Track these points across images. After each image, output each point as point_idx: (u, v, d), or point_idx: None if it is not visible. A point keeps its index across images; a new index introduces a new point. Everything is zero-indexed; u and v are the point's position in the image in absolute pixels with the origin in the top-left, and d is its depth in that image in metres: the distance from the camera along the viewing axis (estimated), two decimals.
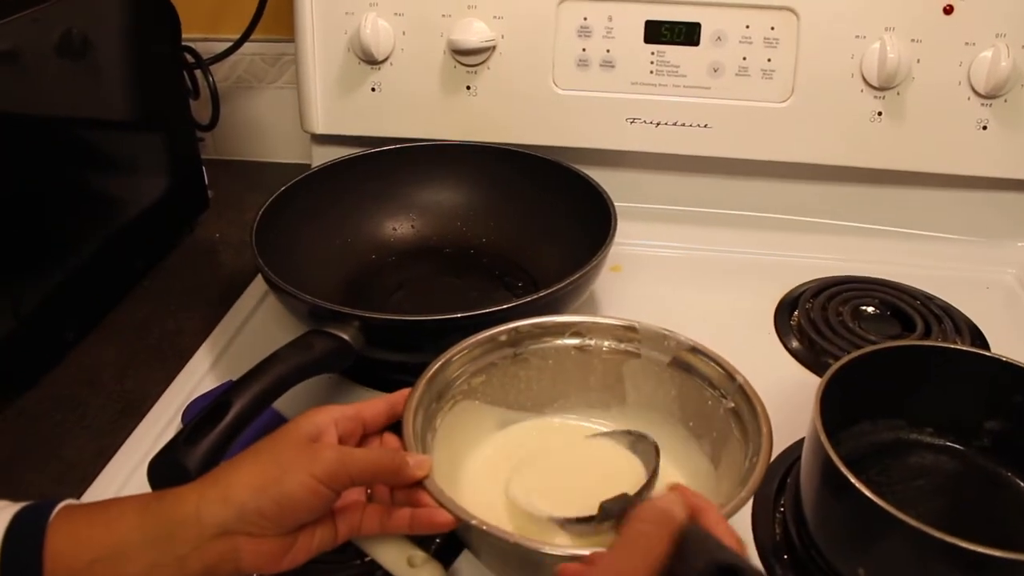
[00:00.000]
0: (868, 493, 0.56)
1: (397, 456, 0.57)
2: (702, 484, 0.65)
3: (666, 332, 0.69)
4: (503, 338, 0.70)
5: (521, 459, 0.66)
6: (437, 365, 0.66)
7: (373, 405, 0.61)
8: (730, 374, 0.65)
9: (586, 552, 0.50)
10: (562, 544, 0.58)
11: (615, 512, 0.55)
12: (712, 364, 0.66)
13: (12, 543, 0.49)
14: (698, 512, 0.49)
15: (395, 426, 0.62)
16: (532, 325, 0.71)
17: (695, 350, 0.68)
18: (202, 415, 0.61)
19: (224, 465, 0.54)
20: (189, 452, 0.59)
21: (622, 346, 0.70)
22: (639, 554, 0.45)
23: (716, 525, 0.48)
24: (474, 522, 0.53)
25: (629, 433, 0.66)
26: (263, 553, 0.52)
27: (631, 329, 0.70)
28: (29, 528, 0.50)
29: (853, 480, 0.57)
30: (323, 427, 0.57)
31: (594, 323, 0.71)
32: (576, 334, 0.71)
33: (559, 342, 0.71)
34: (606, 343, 0.71)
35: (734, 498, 0.56)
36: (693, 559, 0.45)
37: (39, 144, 0.84)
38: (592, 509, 0.57)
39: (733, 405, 0.64)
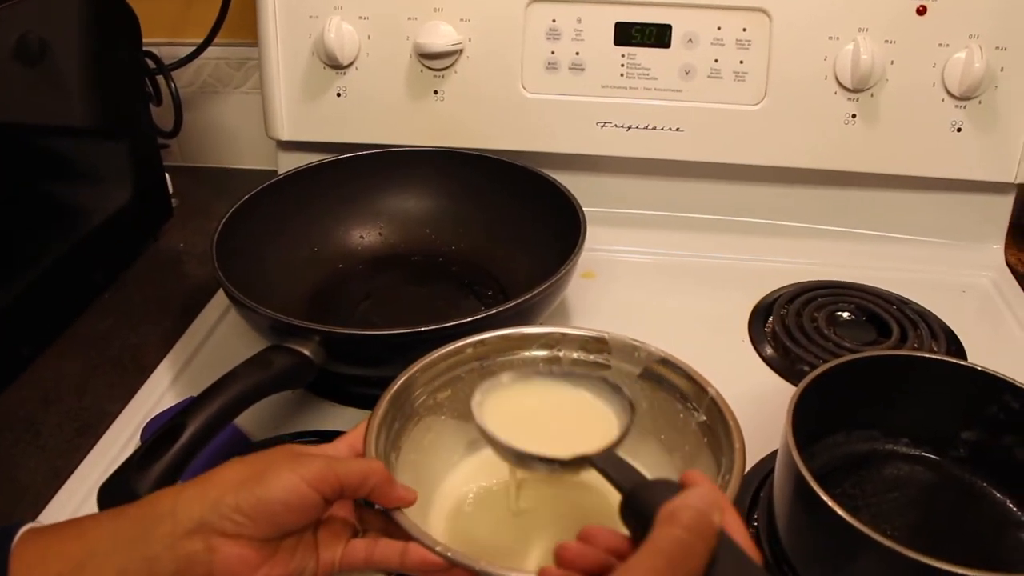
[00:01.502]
0: (841, 512, 0.55)
1: (387, 472, 0.54)
2: None
3: (636, 343, 0.67)
4: (469, 351, 0.68)
5: (492, 386, 0.61)
6: (401, 381, 0.64)
7: (350, 467, 0.55)
8: (702, 387, 0.63)
9: None
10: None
11: (598, 466, 0.51)
12: (683, 376, 0.65)
13: None
14: (722, 513, 0.44)
15: None
16: (499, 337, 0.68)
17: (666, 362, 0.66)
18: (155, 438, 0.59)
19: (210, 470, 0.51)
20: (141, 477, 0.57)
21: (591, 357, 0.68)
22: (678, 569, 0.40)
23: (738, 531, 0.44)
24: (438, 548, 0.51)
25: (605, 381, 0.61)
26: (238, 557, 0.48)
27: (600, 340, 0.68)
28: None
29: (825, 498, 0.56)
30: (311, 450, 0.55)
31: (563, 334, 0.69)
32: (545, 346, 0.69)
33: (527, 354, 0.69)
34: (575, 355, 0.69)
35: None
36: None
37: None
38: (554, 452, 0.53)
39: (705, 419, 0.63)
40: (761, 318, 0.91)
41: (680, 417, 0.65)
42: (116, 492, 0.57)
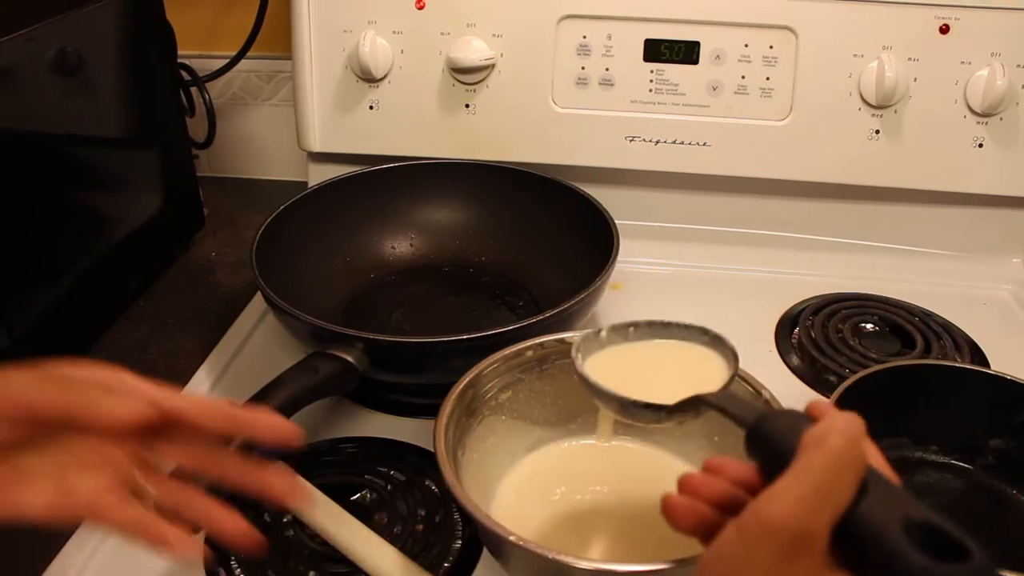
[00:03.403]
0: None
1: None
2: None
3: None
4: (529, 354, 0.69)
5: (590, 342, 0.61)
6: (465, 381, 0.65)
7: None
8: (756, 390, 0.65)
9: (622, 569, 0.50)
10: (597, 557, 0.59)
11: (714, 404, 0.50)
12: (738, 380, 0.66)
13: None
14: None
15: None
16: (557, 340, 0.70)
17: None
18: None
19: None
20: None
21: None
22: (828, 496, 0.37)
23: (880, 464, 0.41)
24: (512, 538, 0.53)
25: (704, 333, 0.61)
26: None
27: None
28: None
29: None
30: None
31: None
32: None
33: None
34: None
35: None
36: (882, 511, 0.37)
37: (33, 162, 0.84)
38: (659, 399, 0.53)
39: None
40: (787, 329, 0.93)
41: None
42: None
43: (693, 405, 0.52)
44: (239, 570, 0.65)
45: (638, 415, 0.54)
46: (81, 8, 0.87)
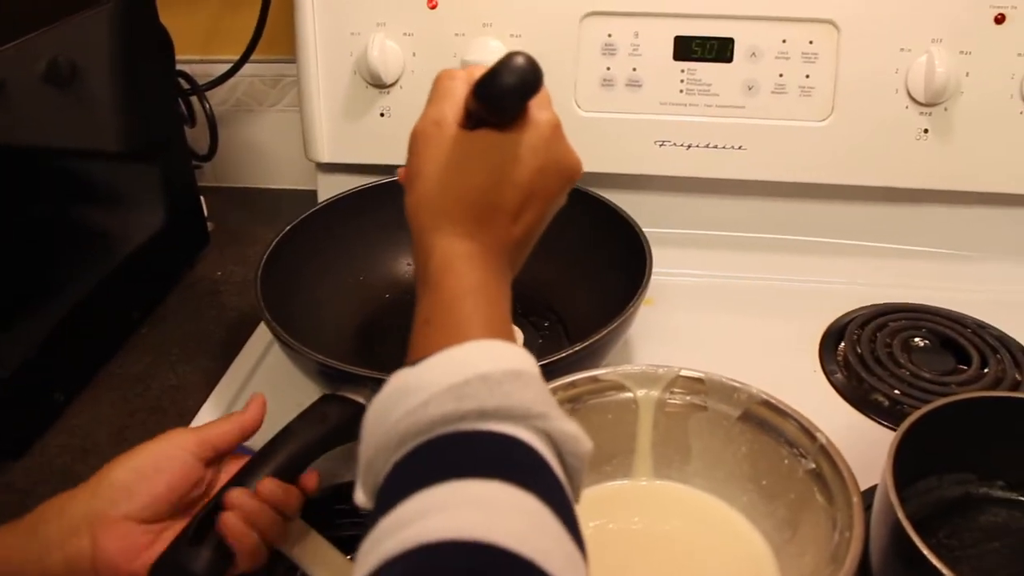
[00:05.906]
0: (945, 570, 0.51)
1: (236, 416, 0.61)
2: (778, 549, 0.62)
3: (736, 384, 0.65)
4: (559, 394, 0.66)
5: None
6: None
7: (220, 427, 0.61)
8: (809, 432, 0.61)
9: None
10: None
11: None
12: (789, 420, 0.63)
13: None
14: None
15: None
16: (589, 378, 0.67)
17: (768, 404, 0.64)
18: (207, 511, 0.55)
19: None
20: (195, 554, 0.53)
21: (688, 399, 0.67)
22: (446, 100, 0.54)
23: (472, 74, 0.56)
24: None
25: None
26: (120, 540, 0.53)
27: (697, 380, 0.66)
28: None
29: (929, 555, 0.52)
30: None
31: (656, 375, 0.67)
32: (639, 386, 0.68)
33: (620, 396, 0.67)
34: (670, 396, 0.67)
35: None
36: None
37: (24, 179, 0.79)
38: None
39: (814, 466, 0.61)
40: (832, 344, 0.87)
41: (785, 463, 0.63)
42: (168, 571, 0.53)
43: None
44: None
45: None
46: (72, 16, 0.83)
